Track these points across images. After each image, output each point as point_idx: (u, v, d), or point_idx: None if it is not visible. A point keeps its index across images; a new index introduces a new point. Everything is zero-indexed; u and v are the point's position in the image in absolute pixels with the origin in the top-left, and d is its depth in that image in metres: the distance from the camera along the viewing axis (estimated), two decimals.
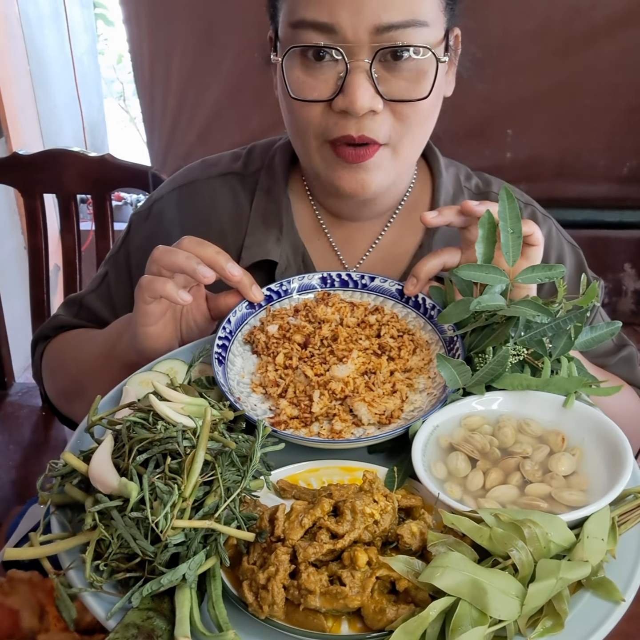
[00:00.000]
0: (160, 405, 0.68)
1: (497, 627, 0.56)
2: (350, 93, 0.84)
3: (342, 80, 0.85)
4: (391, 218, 1.08)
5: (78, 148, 1.79)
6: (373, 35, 0.83)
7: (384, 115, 0.88)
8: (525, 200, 1.13)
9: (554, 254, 1.11)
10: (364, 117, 0.86)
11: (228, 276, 0.84)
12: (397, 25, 0.83)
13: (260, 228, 1.06)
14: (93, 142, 3.62)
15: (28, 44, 2.97)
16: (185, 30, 2.28)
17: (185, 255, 0.83)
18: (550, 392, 0.78)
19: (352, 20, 0.82)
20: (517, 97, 2.10)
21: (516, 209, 0.80)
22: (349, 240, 1.09)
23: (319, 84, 0.87)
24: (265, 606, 0.59)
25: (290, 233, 1.06)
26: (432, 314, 0.90)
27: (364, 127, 0.87)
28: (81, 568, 0.63)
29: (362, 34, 0.83)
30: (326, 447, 0.77)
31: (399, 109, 0.88)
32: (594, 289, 0.80)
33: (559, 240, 1.13)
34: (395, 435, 0.77)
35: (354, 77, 0.84)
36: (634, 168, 2.15)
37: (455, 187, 1.08)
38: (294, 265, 1.05)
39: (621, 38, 1.97)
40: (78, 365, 1.10)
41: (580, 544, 0.61)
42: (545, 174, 1.53)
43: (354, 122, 0.87)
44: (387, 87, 0.86)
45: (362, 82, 0.84)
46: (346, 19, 0.82)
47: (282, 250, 1.04)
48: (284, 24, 0.89)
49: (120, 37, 3.93)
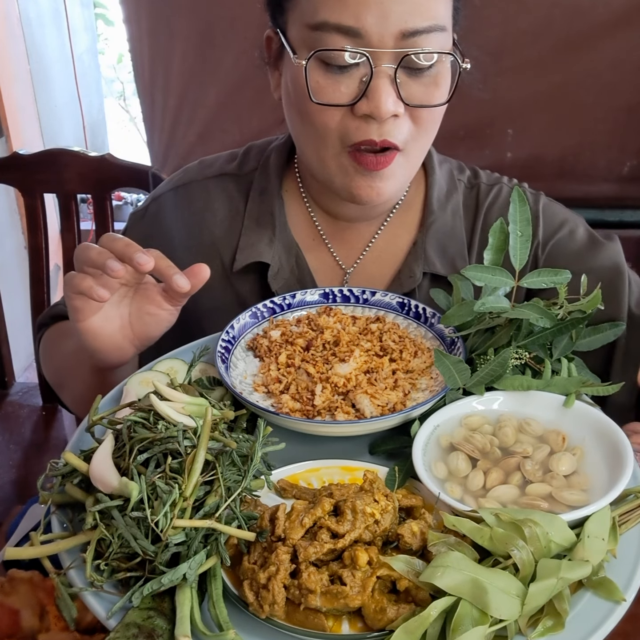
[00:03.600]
0: (161, 405, 0.68)
1: (498, 627, 0.56)
2: (376, 98, 0.84)
3: (366, 84, 0.84)
4: (387, 218, 1.08)
5: (78, 148, 1.79)
6: (398, 40, 0.83)
7: (403, 120, 0.88)
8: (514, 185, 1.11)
9: (567, 225, 1.07)
10: (386, 121, 0.86)
11: (136, 266, 0.82)
12: (422, 30, 0.83)
13: (254, 229, 1.06)
14: (93, 142, 3.63)
15: (28, 43, 2.97)
16: (185, 30, 2.27)
17: (98, 251, 0.82)
18: (550, 392, 0.78)
19: (379, 25, 0.82)
20: (517, 97, 2.09)
21: (527, 212, 0.80)
22: (345, 241, 1.09)
23: (340, 88, 0.86)
24: (266, 606, 0.59)
25: (283, 234, 1.06)
26: (433, 322, 0.91)
27: (386, 132, 0.87)
28: (82, 567, 0.63)
29: (387, 38, 0.83)
30: (327, 434, 0.77)
31: (417, 113, 0.88)
32: (598, 296, 0.81)
33: (560, 208, 1.10)
34: (398, 421, 0.76)
35: (379, 81, 0.84)
36: (635, 168, 2.15)
37: (449, 182, 1.08)
38: (286, 266, 1.05)
39: (621, 38, 1.97)
40: (58, 359, 1.11)
41: (580, 544, 0.61)
42: (546, 174, 1.53)
43: (376, 126, 0.87)
44: (408, 92, 0.86)
45: (387, 87, 0.84)
46: (373, 24, 0.82)
47: (274, 252, 1.04)
48: (300, 25, 0.88)
49: (120, 36, 3.93)
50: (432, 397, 0.78)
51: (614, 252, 1.03)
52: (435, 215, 1.04)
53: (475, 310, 0.79)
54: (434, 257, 1.02)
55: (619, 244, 1.05)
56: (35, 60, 3.03)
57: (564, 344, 0.82)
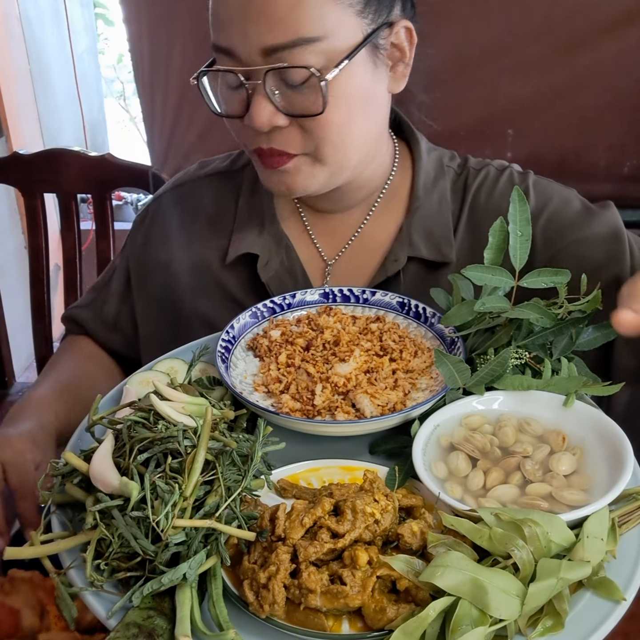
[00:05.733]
0: (161, 405, 0.68)
1: (498, 627, 0.56)
2: (252, 113, 0.88)
3: (247, 100, 0.89)
4: (372, 206, 1.08)
5: (78, 147, 1.79)
6: (264, 57, 0.85)
7: (292, 128, 0.90)
8: (499, 165, 1.09)
9: (556, 199, 1.04)
10: (272, 131, 0.90)
11: None
12: (284, 46, 0.84)
13: (245, 224, 1.08)
14: (93, 142, 3.62)
15: (28, 43, 2.97)
16: (185, 30, 2.27)
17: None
18: (550, 392, 0.78)
19: (242, 44, 0.86)
20: (517, 97, 2.09)
21: (527, 211, 0.80)
22: (330, 232, 1.09)
23: (234, 102, 0.92)
24: (266, 605, 0.59)
25: (272, 226, 1.07)
26: (433, 322, 0.91)
27: (272, 140, 0.91)
28: (82, 567, 0.63)
29: (254, 56, 0.86)
30: (327, 433, 0.77)
31: (303, 123, 0.90)
32: (598, 296, 0.81)
33: (551, 186, 1.07)
34: (398, 421, 0.76)
35: (254, 97, 0.88)
36: (635, 168, 2.15)
37: (436, 169, 1.08)
38: (276, 257, 1.06)
39: (622, 38, 1.97)
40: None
41: (580, 544, 0.61)
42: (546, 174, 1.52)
43: (264, 136, 0.91)
44: (288, 103, 0.88)
45: (260, 102, 0.87)
46: (238, 44, 0.86)
47: (264, 242, 1.06)
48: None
49: (120, 36, 3.93)
50: (432, 397, 0.78)
51: (610, 218, 1.01)
52: (421, 201, 1.04)
53: (476, 310, 0.79)
54: (419, 242, 1.02)
55: (615, 210, 1.03)
56: (35, 60, 3.03)
57: (564, 344, 0.82)
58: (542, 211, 1.02)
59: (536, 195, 1.04)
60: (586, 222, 1.00)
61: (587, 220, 1.00)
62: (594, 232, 0.98)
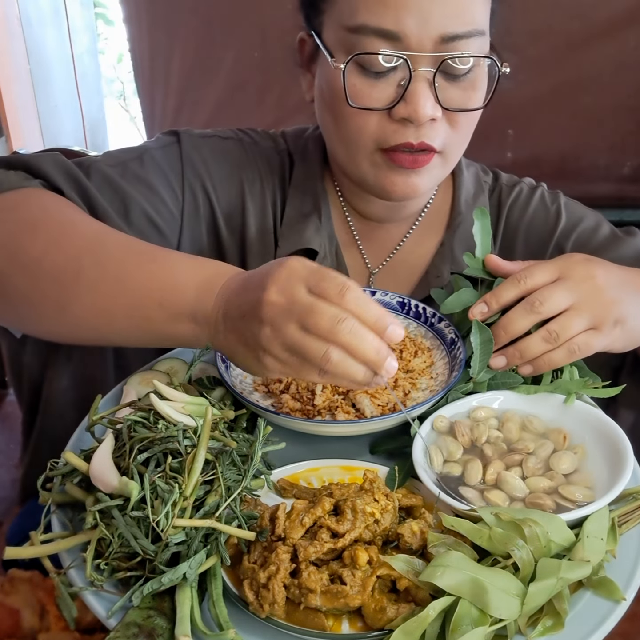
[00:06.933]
0: (161, 405, 0.68)
1: (498, 626, 0.56)
2: (414, 101, 0.84)
3: (404, 88, 0.85)
4: (416, 221, 1.08)
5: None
6: (437, 44, 0.83)
7: (441, 123, 0.88)
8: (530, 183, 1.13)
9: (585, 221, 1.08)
10: (423, 125, 0.87)
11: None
12: (462, 35, 0.83)
13: (297, 217, 1.04)
14: (93, 141, 3.62)
15: (28, 43, 2.97)
16: (185, 30, 2.27)
17: (372, 339, 0.64)
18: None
19: (419, 28, 0.82)
20: (517, 97, 2.09)
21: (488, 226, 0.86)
22: (374, 241, 1.09)
23: (378, 91, 0.86)
24: (266, 605, 0.59)
25: (327, 224, 1.05)
26: (433, 322, 0.91)
27: (423, 135, 0.87)
28: (82, 567, 0.63)
29: (426, 43, 0.83)
30: (327, 433, 0.77)
31: (455, 117, 0.88)
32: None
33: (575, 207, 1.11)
34: (398, 421, 0.76)
35: (417, 85, 0.84)
36: (635, 168, 2.15)
37: (475, 184, 1.09)
38: (329, 256, 1.05)
39: (622, 38, 1.97)
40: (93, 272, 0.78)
41: (580, 544, 0.61)
42: (546, 174, 1.52)
43: (413, 129, 0.87)
44: (446, 96, 0.86)
45: (425, 91, 0.84)
46: (413, 28, 0.82)
47: (321, 239, 1.04)
48: (337, 27, 0.87)
49: (120, 36, 3.93)
50: (432, 396, 0.78)
51: (636, 243, 1.04)
52: (463, 216, 1.05)
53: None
54: (460, 257, 1.02)
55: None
56: (35, 60, 3.03)
57: None
58: (572, 230, 1.06)
59: (567, 214, 1.07)
60: (614, 245, 1.03)
61: (614, 244, 1.04)
62: (620, 255, 1.01)
